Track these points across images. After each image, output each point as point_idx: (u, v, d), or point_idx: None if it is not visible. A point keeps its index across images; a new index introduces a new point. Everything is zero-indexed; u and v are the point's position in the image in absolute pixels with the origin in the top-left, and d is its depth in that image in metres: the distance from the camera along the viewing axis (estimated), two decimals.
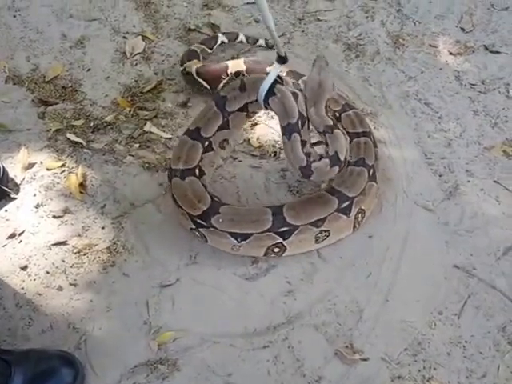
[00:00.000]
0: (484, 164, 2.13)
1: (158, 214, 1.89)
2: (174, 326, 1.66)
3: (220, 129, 1.88)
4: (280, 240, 1.74)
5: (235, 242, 1.73)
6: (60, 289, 1.70)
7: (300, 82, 2.15)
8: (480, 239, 1.91)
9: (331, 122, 1.78)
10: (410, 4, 2.69)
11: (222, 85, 2.19)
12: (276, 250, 1.76)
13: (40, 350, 1.51)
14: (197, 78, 2.19)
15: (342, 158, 1.76)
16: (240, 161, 2.09)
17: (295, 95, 1.79)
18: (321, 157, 1.77)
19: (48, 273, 1.73)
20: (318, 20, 2.63)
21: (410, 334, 1.68)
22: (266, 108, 1.83)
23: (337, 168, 1.76)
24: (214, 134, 1.89)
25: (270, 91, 1.76)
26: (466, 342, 1.68)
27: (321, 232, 1.80)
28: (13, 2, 2.57)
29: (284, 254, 1.79)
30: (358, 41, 2.53)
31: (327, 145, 1.78)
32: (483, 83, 2.39)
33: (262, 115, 2.18)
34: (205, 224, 1.73)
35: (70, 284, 1.71)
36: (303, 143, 1.76)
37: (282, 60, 1.79)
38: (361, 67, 2.43)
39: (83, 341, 1.61)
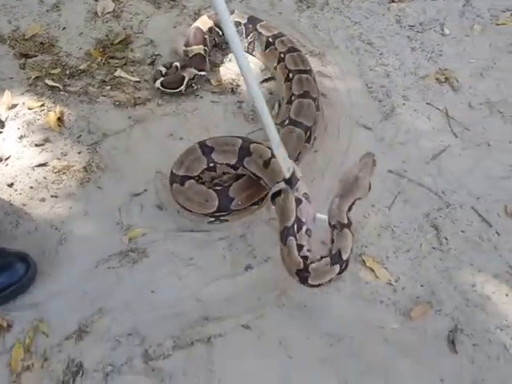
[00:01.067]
0: (418, 90, 2.46)
1: (128, 141, 2.22)
2: (142, 225, 1.98)
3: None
4: None
5: None
6: (43, 200, 2.03)
7: (258, 26, 2.48)
8: (411, 149, 2.25)
9: (346, 221, 1.69)
10: None
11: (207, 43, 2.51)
12: None
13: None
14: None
15: (345, 258, 1.65)
16: (201, 97, 2.43)
17: (298, 201, 1.74)
18: (321, 257, 1.69)
19: (32, 188, 2.05)
20: None
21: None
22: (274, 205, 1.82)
23: (337, 267, 1.64)
24: (220, 164, 1.98)
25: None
26: (394, 226, 2.01)
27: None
28: None
29: None
30: None
31: (332, 242, 1.69)
32: (421, 25, 2.74)
33: (220, 57, 2.53)
34: (225, 213, 1.90)
35: (52, 196, 2.04)
36: (299, 247, 1.69)
37: (289, 183, 1.76)
38: (311, 16, 2.78)
39: (64, 238, 1.93)
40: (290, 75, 2.27)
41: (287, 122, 2.16)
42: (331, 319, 1.79)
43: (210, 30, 2.53)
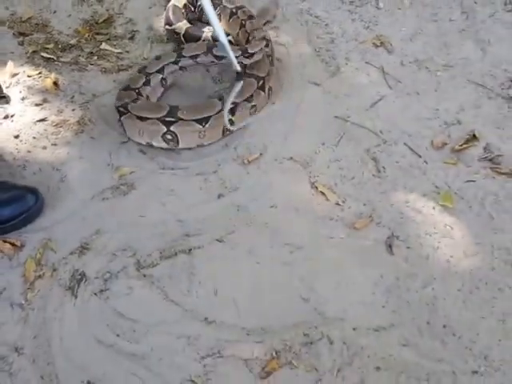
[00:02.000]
0: (358, 53, 2.60)
1: (114, 99, 2.30)
2: (129, 165, 2.08)
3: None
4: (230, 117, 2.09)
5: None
6: (44, 148, 2.11)
7: (223, 1, 2.60)
8: (353, 99, 2.38)
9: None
10: None
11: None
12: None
13: (11, 183, 1.90)
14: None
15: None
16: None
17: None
18: None
19: (34, 138, 2.13)
20: None
21: (299, 158, 2.13)
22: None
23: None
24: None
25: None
26: (340, 160, 2.14)
27: (252, 106, 2.22)
28: None
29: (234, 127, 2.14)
30: None
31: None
32: (359, 0, 2.86)
33: None
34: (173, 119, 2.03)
35: (52, 144, 2.12)
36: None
37: (240, 76, 2.01)
38: None
39: (64, 176, 2.02)
40: (250, 38, 2.37)
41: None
42: (291, 233, 1.91)
43: (185, 6, 2.61)
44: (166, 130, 2.03)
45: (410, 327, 1.67)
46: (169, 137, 2.05)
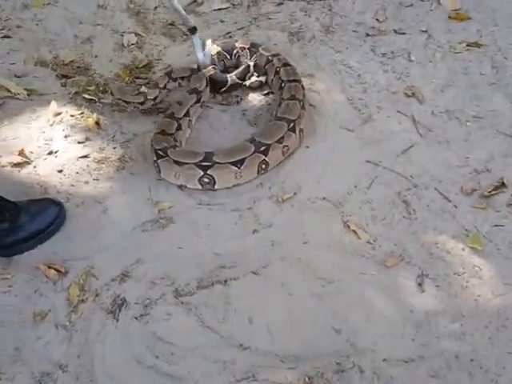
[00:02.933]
0: (390, 102, 2.95)
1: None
2: (168, 200, 2.40)
3: None
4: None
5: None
6: (87, 182, 2.45)
7: (260, 49, 3.02)
8: (385, 145, 2.71)
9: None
10: (338, 5, 3.58)
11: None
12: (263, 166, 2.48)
13: (34, 199, 2.25)
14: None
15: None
16: (211, 107, 2.90)
17: None
18: None
19: (77, 173, 2.48)
20: (269, 19, 3.50)
21: (332, 199, 2.44)
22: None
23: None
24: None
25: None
26: (372, 201, 2.45)
27: (284, 147, 2.56)
28: (35, 15, 3.41)
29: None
30: (298, 30, 3.40)
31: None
32: (392, 53, 3.25)
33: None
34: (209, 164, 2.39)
35: (94, 179, 2.47)
36: None
37: (193, 30, 2.63)
38: (301, 46, 3.29)
39: (106, 209, 2.35)
40: (282, 84, 2.74)
41: (273, 119, 2.63)
42: (323, 268, 2.20)
43: (219, 53, 3.02)
44: (202, 173, 2.37)
45: (439, 360, 1.91)
46: (205, 180, 2.38)
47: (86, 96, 2.87)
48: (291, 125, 2.57)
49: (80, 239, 2.24)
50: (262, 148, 2.43)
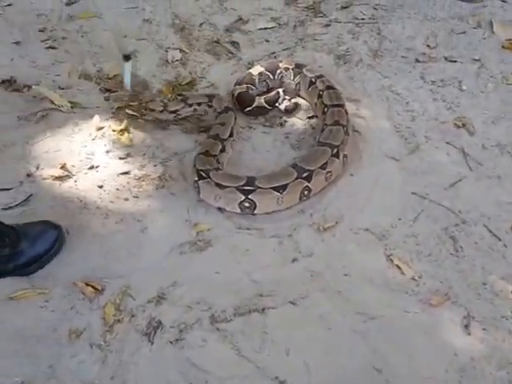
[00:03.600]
0: (439, 132, 2.94)
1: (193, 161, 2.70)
2: (206, 222, 2.43)
3: None
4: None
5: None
6: (126, 199, 2.50)
7: (304, 70, 3.05)
8: (432, 177, 2.70)
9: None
10: (387, 29, 3.60)
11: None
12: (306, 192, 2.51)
13: (32, 222, 2.26)
14: None
15: None
16: (254, 129, 2.93)
17: None
18: None
19: (118, 190, 2.53)
20: (315, 40, 3.54)
21: (376, 230, 2.44)
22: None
23: None
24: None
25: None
26: (417, 235, 2.44)
27: (327, 173, 2.58)
28: (81, 27, 3.51)
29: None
30: (345, 53, 3.43)
31: None
32: (442, 81, 3.25)
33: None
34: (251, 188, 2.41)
35: (134, 197, 2.51)
36: None
37: (128, 58, 2.83)
38: (347, 70, 3.31)
39: (145, 228, 2.39)
40: (326, 109, 2.77)
41: (316, 144, 2.64)
42: (364, 303, 2.19)
43: (261, 73, 3.07)
44: (244, 197, 2.40)
45: None
46: (246, 204, 2.41)
47: (129, 111, 2.93)
48: (335, 150, 2.58)
49: (118, 257, 2.27)
50: (305, 174, 2.46)
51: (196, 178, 2.49)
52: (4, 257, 2.11)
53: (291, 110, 2.97)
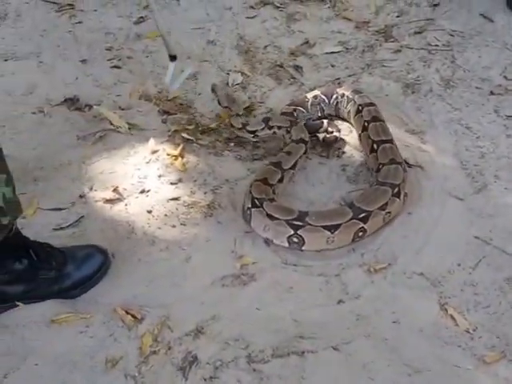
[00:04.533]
0: (510, 172, 2.83)
1: (244, 189, 2.73)
2: (252, 255, 2.44)
3: None
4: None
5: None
6: (174, 226, 2.55)
7: (356, 97, 3.01)
8: (499, 221, 2.60)
9: None
10: (462, 57, 3.52)
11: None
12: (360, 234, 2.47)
13: (80, 245, 2.32)
14: None
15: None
16: (310, 159, 2.93)
17: None
18: None
19: (166, 216, 2.58)
20: (383, 66, 3.50)
21: (431, 275, 2.37)
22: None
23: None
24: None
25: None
26: (476, 284, 2.35)
27: (386, 213, 2.54)
28: (146, 47, 3.63)
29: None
30: (415, 81, 3.37)
31: None
32: None
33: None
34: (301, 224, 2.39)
35: (181, 224, 2.55)
36: None
37: (174, 58, 2.71)
38: (415, 100, 3.25)
39: (189, 257, 2.43)
40: (375, 146, 2.71)
41: (375, 183, 2.60)
42: (412, 354, 2.13)
43: (315, 97, 3.08)
44: (293, 232, 2.39)
45: None
46: (294, 239, 2.40)
47: (185, 135, 2.99)
48: (396, 190, 2.53)
49: (160, 285, 2.31)
50: (362, 215, 2.42)
51: (249, 205, 2.50)
52: (50, 279, 2.19)
53: (330, 143, 2.93)
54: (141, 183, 2.73)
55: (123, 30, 3.77)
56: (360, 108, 2.94)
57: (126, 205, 2.62)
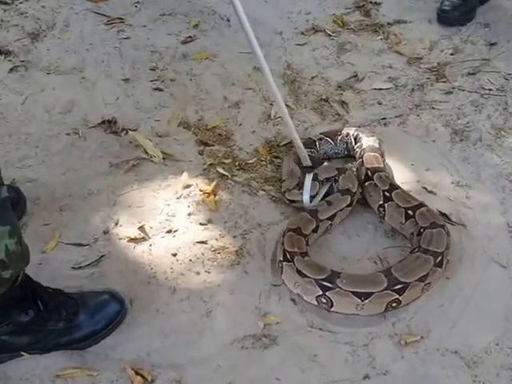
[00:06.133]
0: None
1: (276, 235, 2.49)
2: (277, 314, 2.20)
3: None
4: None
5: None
6: (198, 273, 2.33)
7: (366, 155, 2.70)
8: None
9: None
10: None
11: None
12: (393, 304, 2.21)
13: (96, 291, 2.11)
14: None
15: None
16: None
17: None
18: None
19: (191, 261, 2.37)
20: (433, 108, 3.21)
21: (467, 355, 2.10)
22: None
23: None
24: None
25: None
26: None
27: (425, 284, 2.26)
28: (191, 69, 3.41)
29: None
30: (464, 128, 3.07)
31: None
32: None
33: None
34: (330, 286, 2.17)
35: (205, 271, 2.34)
36: None
37: (310, 169, 2.51)
38: (463, 149, 2.95)
39: (209, 311, 2.20)
40: (409, 212, 2.44)
41: (416, 250, 2.33)
42: None
43: (347, 134, 2.84)
44: (321, 293, 2.15)
45: None
46: (323, 300, 2.15)
47: (220, 170, 2.77)
48: (438, 259, 2.27)
49: (176, 343, 2.11)
50: (398, 286, 2.16)
51: (281, 258, 2.28)
52: (58, 330, 1.98)
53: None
54: (168, 221, 2.52)
55: (170, 49, 3.57)
56: (369, 174, 2.60)
57: (150, 245, 2.42)
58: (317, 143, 2.84)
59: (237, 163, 2.84)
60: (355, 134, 2.80)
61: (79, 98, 3.19)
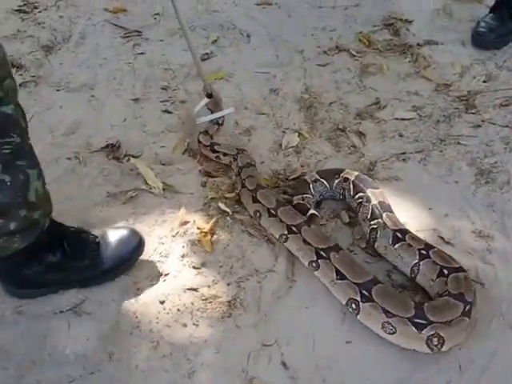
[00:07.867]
0: None
1: (274, 284, 2.26)
2: (265, 380, 1.98)
3: None
4: None
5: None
6: (185, 325, 2.12)
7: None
8: None
9: None
10: None
11: None
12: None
13: (113, 227, 2.26)
14: None
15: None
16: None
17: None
18: None
19: (179, 310, 2.16)
20: (458, 143, 2.92)
21: None
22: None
23: None
24: None
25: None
26: None
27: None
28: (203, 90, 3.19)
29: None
30: (491, 168, 2.77)
31: None
32: None
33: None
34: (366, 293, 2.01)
35: (193, 324, 2.13)
36: None
37: (209, 96, 2.80)
38: (488, 193, 2.66)
39: (192, 372, 2.00)
40: (424, 252, 2.22)
41: (446, 293, 2.10)
42: None
43: (346, 179, 2.59)
44: None
45: None
46: None
47: (221, 206, 2.56)
48: (467, 307, 2.04)
49: None
50: None
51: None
52: (83, 267, 2.13)
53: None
54: (160, 263, 2.33)
55: (184, 67, 3.37)
56: (399, 236, 2.34)
57: (138, 289, 2.22)
58: (311, 186, 2.57)
59: (236, 198, 2.61)
60: (356, 181, 2.51)
61: (85, 119, 3.02)
